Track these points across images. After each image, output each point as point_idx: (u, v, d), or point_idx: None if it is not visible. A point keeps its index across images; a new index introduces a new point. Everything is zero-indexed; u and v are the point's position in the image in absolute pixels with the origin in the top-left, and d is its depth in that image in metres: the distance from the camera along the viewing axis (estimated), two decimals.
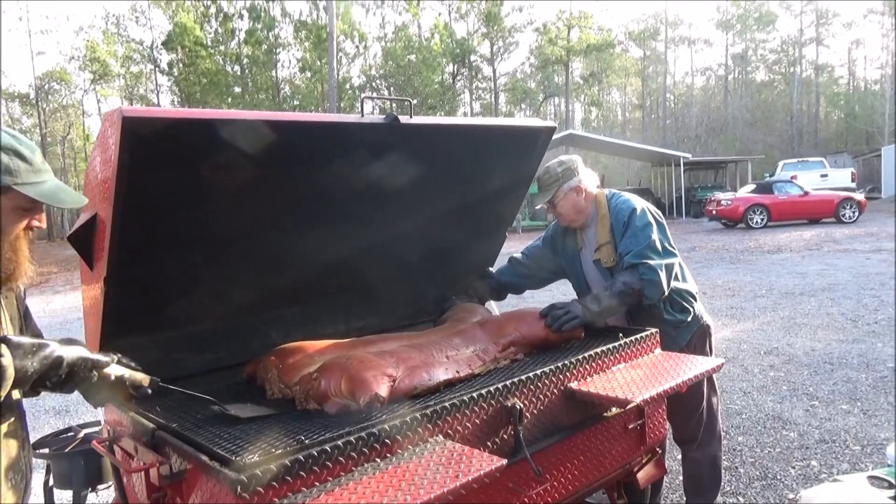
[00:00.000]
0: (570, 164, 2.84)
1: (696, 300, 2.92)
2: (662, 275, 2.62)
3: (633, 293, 2.61)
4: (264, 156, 2.03)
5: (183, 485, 1.63)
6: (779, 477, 3.58)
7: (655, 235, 2.69)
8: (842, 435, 4.09)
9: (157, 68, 41.52)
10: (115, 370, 1.64)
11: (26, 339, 1.43)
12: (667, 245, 2.73)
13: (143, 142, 1.70)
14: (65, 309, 12.57)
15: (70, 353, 1.50)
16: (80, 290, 2.16)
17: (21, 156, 1.44)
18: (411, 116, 2.30)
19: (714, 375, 2.89)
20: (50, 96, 43.43)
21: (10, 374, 1.33)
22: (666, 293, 2.67)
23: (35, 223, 1.53)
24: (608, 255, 2.78)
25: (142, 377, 1.72)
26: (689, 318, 2.86)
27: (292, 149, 2.12)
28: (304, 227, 2.40)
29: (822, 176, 25.24)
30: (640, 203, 2.81)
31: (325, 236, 2.47)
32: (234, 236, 2.25)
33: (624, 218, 2.74)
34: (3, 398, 1.33)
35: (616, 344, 2.41)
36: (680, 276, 2.83)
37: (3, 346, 1.34)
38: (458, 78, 44.52)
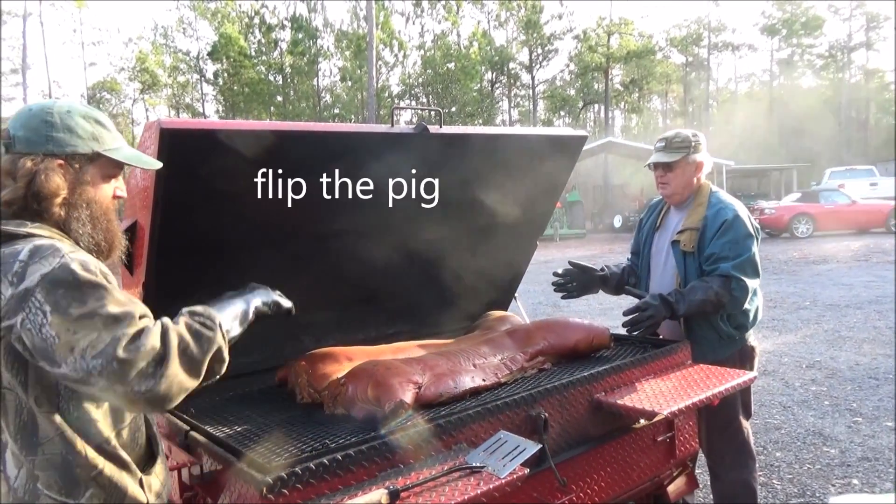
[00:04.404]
0: (703, 140, 2.84)
1: (754, 323, 2.83)
2: (749, 297, 2.63)
3: (718, 304, 2.61)
4: (297, 164, 2.09)
5: (213, 485, 1.68)
6: (817, 494, 3.49)
7: (756, 250, 2.68)
8: (885, 453, 3.95)
9: (202, 78, 42.58)
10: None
11: (226, 311, 1.61)
12: (758, 265, 2.70)
13: (180, 151, 1.77)
14: None
15: (252, 300, 1.66)
16: None
17: (101, 123, 1.46)
18: (441, 126, 2.33)
19: (749, 394, 2.83)
20: (101, 105, 44.84)
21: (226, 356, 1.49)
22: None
23: (119, 192, 1.52)
24: (689, 240, 2.75)
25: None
26: (738, 336, 2.80)
27: (325, 158, 2.17)
28: (337, 234, 2.45)
29: (872, 185, 24.37)
30: (743, 210, 2.77)
31: (358, 244, 2.51)
32: (266, 243, 2.30)
33: (726, 218, 2.69)
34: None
35: (645, 355, 2.39)
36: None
37: (219, 328, 1.48)
38: (497, 86, 44.52)
